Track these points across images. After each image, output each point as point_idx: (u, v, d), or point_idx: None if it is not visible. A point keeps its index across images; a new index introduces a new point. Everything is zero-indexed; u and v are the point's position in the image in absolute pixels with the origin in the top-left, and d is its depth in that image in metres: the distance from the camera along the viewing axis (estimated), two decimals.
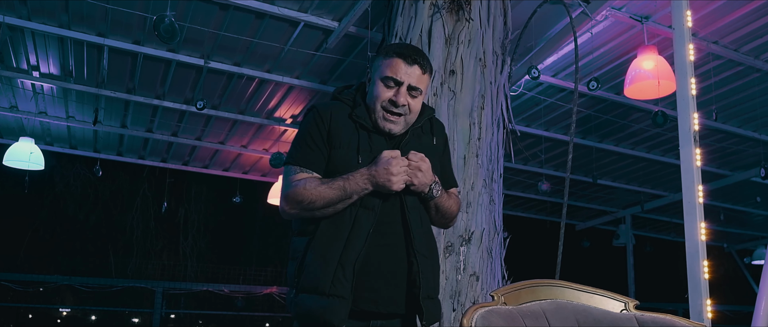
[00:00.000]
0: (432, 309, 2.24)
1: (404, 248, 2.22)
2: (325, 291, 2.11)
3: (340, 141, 2.25)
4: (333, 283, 2.11)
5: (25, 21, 5.38)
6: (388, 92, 2.25)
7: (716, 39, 5.45)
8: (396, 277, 2.20)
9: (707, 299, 3.47)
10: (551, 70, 6.01)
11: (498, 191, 3.91)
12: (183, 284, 11.82)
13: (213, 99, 6.90)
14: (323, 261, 2.15)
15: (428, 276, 2.24)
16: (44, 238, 14.21)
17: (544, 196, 9.91)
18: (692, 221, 3.57)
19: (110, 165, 9.37)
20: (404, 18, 4.07)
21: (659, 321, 2.11)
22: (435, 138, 2.42)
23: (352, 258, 2.13)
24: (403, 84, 2.24)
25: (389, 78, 2.24)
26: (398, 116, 2.26)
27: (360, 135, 2.26)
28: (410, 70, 2.25)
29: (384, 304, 2.19)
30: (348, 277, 2.12)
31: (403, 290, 2.21)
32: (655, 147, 8.14)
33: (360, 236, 2.16)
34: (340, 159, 2.23)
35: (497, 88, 4.04)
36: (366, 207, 2.18)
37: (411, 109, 2.27)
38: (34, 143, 7.19)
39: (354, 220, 2.17)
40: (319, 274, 2.13)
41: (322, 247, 2.17)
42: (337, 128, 2.26)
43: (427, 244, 2.30)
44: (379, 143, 2.27)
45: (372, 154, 2.22)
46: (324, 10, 5.28)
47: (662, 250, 13.79)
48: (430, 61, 2.34)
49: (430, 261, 2.29)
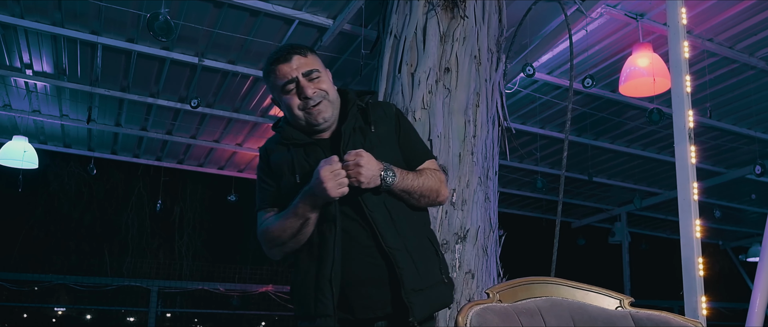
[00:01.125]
0: (421, 301, 2.15)
1: (377, 248, 2.16)
2: (311, 313, 2.15)
3: (281, 170, 2.26)
4: (315, 304, 2.14)
5: (18, 19, 5.36)
6: (294, 97, 2.23)
7: (711, 36, 5.46)
8: (380, 279, 2.16)
9: (702, 296, 3.47)
10: (546, 67, 6.01)
11: (493, 189, 3.91)
12: (178, 283, 11.81)
13: (207, 97, 6.89)
14: (303, 285, 2.19)
15: (411, 268, 2.16)
16: (39, 237, 14.17)
17: (540, 193, 9.92)
18: (687, 219, 3.57)
19: (105, 163, 9.32)
20: (399, 15, 4.06)
21: (654, 318, 2.11)
22: (372, 126, 2.31)
23: (326, 274, 2.12)
24: (297, 78, 2.21)
25: (283, 85, 2.22)
26: (318, 104, 2.22)
27: (294, 154, 2.25)
28: (293, 63, 2.22)
29: (380, 307, 2.17)
30: (327, 295, 2.11)
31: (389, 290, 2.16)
32: (651, 144, 8.15)
33: (328, 250, 2.14)
34: (286, 189, 2.24)
35: (492, 86, 4.03)
36: (327, 220, 2.16)
37: (324, 90, 2.24)
38: (28, 142, 7.16)
39: (320, 237, 2.17)
40: (303, 299, 2.18)
41: (301, 272, 2.22)
42: (275, 160, 2.29)
43: (403, 236, 2.19)
44: (316, 154, 2.22)
45: (310, 168, 2.15)
46: (318, 8, 5.27)
47: (657, 248, 13.82)
48: (302, 46, 2.29)
49: (411, 253, 2.19)
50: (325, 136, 2.30)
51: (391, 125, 2.38)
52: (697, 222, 3.57)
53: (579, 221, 12.00)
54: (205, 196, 14.83)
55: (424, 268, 2.21)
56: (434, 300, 2.22)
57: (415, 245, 2.22)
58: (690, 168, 3.63)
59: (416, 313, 2.12)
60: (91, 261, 14.50)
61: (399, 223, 2.21)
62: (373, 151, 2.18)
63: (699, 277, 3.48)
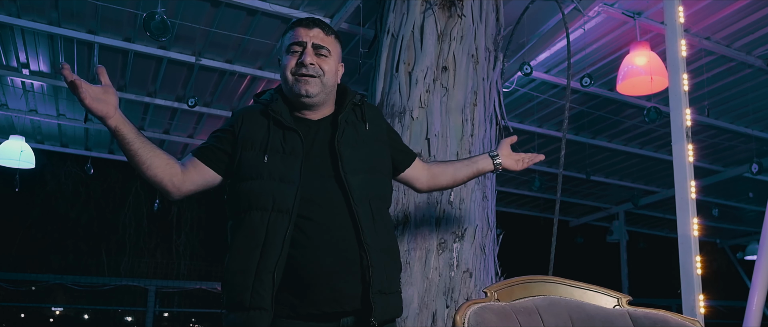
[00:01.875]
0: (383, 304, 2.11)
1: (355, 242, 2.10)
2: (245, 304, 2.03)
3: (252, 143, 2.15)
4: (252, 296, 2.02)
5: (15, 18, 5.35)
6: (294, 58, 2.17)
7: (708, 35, 5.46)
8: (353, 274, 2.09)
9: (700, 295, 3.47)
10: (544, 66, 6.01)
11: (491, 188, 3.90)
12: (176, 282, 11.81)
13: (205, 96, 6.88)
14: (242, 274, 2.06)
15: (381, 270, 2.12)
16: (36, 237, 14.15)
17: (538, 192, 9.92)
18: (685, 217, 3.57)
19: (102, 163, 9.32)
20: (396, 14, 4.06)
21: (652, 316, 2.11)
22: (367, 124, 2.28)
23: (269, 266, 2.02)
24: (306, 44, 2.17)
25: (290, 44, 2.18)
26: (310, 77, 2.16)
27: (272, 132, 2.15)
28: (312, 31, 2.18)
29: (348, 302, 2.09)
30: (266, 288, 2.02)
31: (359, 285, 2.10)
32: (648, 143, 8.16)
33: (275, 242, 2.04)
34: (247, 161, 2.14)
35: (490, 85, 4.03)
36: (279, 210, 2.06)
37: (323, 70, 2.18)
38: (25, 141, 7.15)
39: (267, 227, 2.05)
40: (239, 288, 2.05)
41: (238, 260, 2.08)
42: (249, 130, 2.17)
43: (379, 237, 2.16)
44: (292, 141, 2.14)
45: (285, 153, 2.12)
46: (316, 7, 5.26)
47: (655, 246, 13.84)
48: (330, 26, 2.26)
49: (385, 256, 2.16)
50: (311, 116, 2.24)
51: (383, 126, 2.38)
52: (695, 220, 3.57)
53: (577, 220, 12.01)
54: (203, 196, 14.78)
55: (390, 273, 2.18)
56: (393, 307, 2.19)
57: (387, 250, 2.19)
58: (687, 166, 3.63)
59: (377, 314, 2.08)
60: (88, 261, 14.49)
61: (378, 224, 2.18)
62: (364, 148, 2.21)
63: (697, 275, 3.48)
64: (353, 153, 2.18)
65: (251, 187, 2.10)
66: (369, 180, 2.19)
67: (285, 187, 2.08)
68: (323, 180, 2.13)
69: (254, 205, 2.09)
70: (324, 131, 2.21)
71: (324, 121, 2.24)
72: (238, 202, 2.14)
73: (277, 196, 2.07)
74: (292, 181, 2.08)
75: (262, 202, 2.08)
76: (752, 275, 4.25)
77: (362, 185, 2.15)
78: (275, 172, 2.09)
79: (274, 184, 2.08)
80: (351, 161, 2.15)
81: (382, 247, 2.15)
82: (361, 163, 2.18)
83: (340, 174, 2.12)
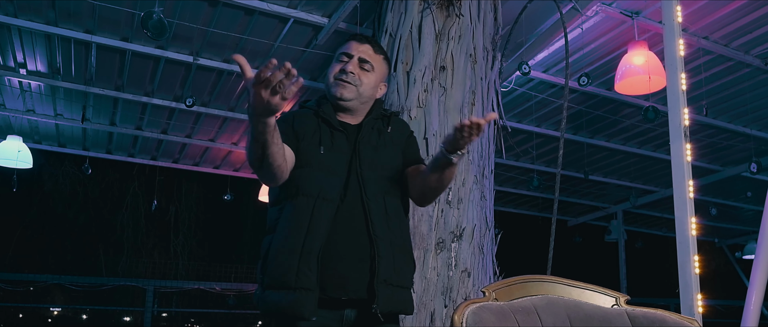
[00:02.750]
0: (387, 294, 2.19)
1: (366, 234, 2.22)
2: (291, 284, 2.12)
3: (304, 134, 2.32)
4: (297, 276, 2.12)
5: (12, 18, 5.33)
6: (338, 65, 2.38)
7: (706, 34, 5.46)
8: (362, 263, 2.20)
9: (698, 294, 3.47)
10: (542, 65, 6.00)
11: (489, 187, 3.90)
12: (174, 282, 11.80)
13: (202, 96, 6.87)
14: (287, 254, 2.16)
15: (389, 261, 2.22)
16: (33, 237, 14.14)
17: (536, 192, 9.92)
18: (683, 216, 3.57)
19: (99, 163, 9.31)
20: (394, 14, 4.05)
21: (650, 316, 2.11)
22: (390, 127, 2.46)
23: (315, 248, 2.14)
24: (353, 56, 2.37)
25: (342, 53, 2.39)
26: (348, 83, 2.34)
27: (322, 130, 2.33)
28: (361, 47, 2.39)
29: (353, 290, 2.18)
30: (312, 268, 2.13)
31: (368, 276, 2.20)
32: (646, 142, 8.16)
33: (321, 226, 2.17)
34: (304, 151, 2.29)
35: (488, 84, 4.03)
36: (325, 198, 2.21)
37: (361, 81, 2.36)
38: (22, 141, 7.14)
39: (312, 211, 2.19)
40: (284, 268, 2.14)
41: (284, 240, 2.19)
42: (301, 124, 2.35)
43: (391, 231, 2.28)
44: (340, 140, 2.33)
45: (333, 149, 2.30)
46: (313, 7, 5.26)
47: (653, 246, 13.85)
48: (382, 48, 2.48)
49: (394, 250, 2.26)
50: (350, 121, 2.41)
51: (404, 135, 2.52)
52: (693, 220, 3.57)
53: (575, 219, 12.01)
54: (201, 196, 14.81)
55: (400, 267, 2.28)
56: (399, 301, 2.26)
57: (399, 245, 2.30)
58: (685, 166, 3.62)
59: (380, 303, 2.15)
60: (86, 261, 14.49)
61: (391, 219, 2.30)
62: (384, 150, 2.39)
63: (695, 274, 3.48)
64: (372, 152, 2.35)
65: (301, 175, 2.25)
66: (385, 178, 2.35)
67: (331, 178, 2.25)
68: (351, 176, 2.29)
69: (302, 191, 2.23)
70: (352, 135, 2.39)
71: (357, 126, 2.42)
72: (288, 187, 2.26)
73: (324, 185, 2.23)
74: (338, 173, 2.27)
75: (310, 189, 2.22)
76: (750, 274, 4.25)
77: (377, 181, 2.30)
78: (324, 164, 2.27)
79: (322, 175, 2.25)
80: (368, 160, 2.32)
81: (393, 241, 2.27)
82: (379, 162, 2.35)
83: (357, 168, 2.29)
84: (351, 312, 2.22)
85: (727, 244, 13.26)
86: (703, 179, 8.91)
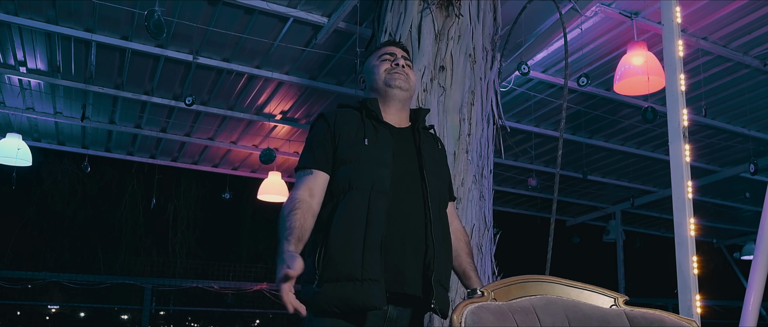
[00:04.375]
0: (443, 295, 2.30)
1: (424, 233, 2.30)
2: (357, 276, 2.16)
3: (348, 134, 2.39)
4: (364, 267, 2.16)
5: (12, 16, 5.34)
6: (386, 63, 2.54)
7: (705, 35, 5.46)
8: (416, 260, 2.27)
9: (696, 294, 3.47)
10: (541, 66, 6.01)
11: (488, 187, 3.91)
12: (172, 281, 11.77)
13: (202, 95, 6.87)
14: (348, 248, 2.19)
15: (442, 263, 2.31)
16: (32, 235, 14.12)
17: (535, 192, 9.92)
18: (681, 217, 3.57)
19: (98, 161, 9.30)
20: (394, 14, 4.05)
21: (648, 316, 2.11)
22: (439, 144, 2.63)
23: (377, 239, 2.19)
24: (397, 55, 2.56)
25: (383, 53, 2.57)
26: (402, 69, 2.53)
27: (366, 126, 2.41)
28: (399, 50, 2.60)
29: (409, 284, 2.25)
30: (376, 260, 2.18)
31: (421, 273, 2.28)
32: (645, 143, 8.16)
33: (379, 219, 2.22)
34: (347, 147, 2.36)
35: (487, 84, 4.03)
36: (378, 191, 2.27)
37: (409, 76, 2.54)
38: (22, 139, 7.14)
39: (369, 206, 2.24)
40: (350, 262, 2.18)
41: (345, 234, 2.22)
42: (343, 126, 2.41)
43: (444, 235, 2.38)
44: (384, 135, 2.40)
45: (378, 142, 2.36)
46: (313, 6, 5.26)
47: (652, 246, 13.86)
48: None
49: (445, 251, 2.37)
50: (394, 123, 2.51)
51: (445, 153, 2.69)
52: (692, 220, 3.57)
53: (573, 219, 12.01)
54: (199, 194, 14.80)
55: (448, 270, 2.42)
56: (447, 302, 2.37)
57: (449, 249, 2.43)
58: (684, 166, 3.63)
59: (437, 300, 2.26)
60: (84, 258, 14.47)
61: (444, 225, 2.42)
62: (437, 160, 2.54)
63: (693, 275, 3.49)
64: (431, 159, 2.47)
65: (350, 171, 2.32)
66: (441, 185, 2.49)
67: (382, 170, 2.31)
68: (408, 174, 2.37)
69: (354, 186, 2.29)
70: (406, 136, 2.50)
71: (404, 130, 2.52)
72: (338, 184, 2.34)
73: (375, 178, 2.29)
74: (387, 164, 2.33)
75: (362, 183, 2.28)
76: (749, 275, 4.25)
77: (436, 187, 2.41)
78: (372, 156, 2.33)
79: (372, 167, 2.31)
80: (430, 164, 2.43)
81: (442, 242, 2.35)
82: (436, 170, 2.49)
83: (423, 173, 2.37)
84: (394, 310, 2.28)
85: (725, 244, 13.26)
86: (701, 180, 8.92)
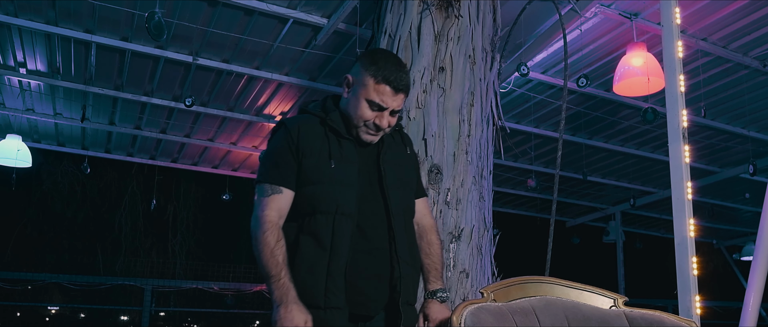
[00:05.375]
0: (410, 314, 2.27)
1: (388, 253, 2.24)
2: (319, 304, 2.13)
3: (311, 150, 2.25)
4: (327, 296, 2.13)
5: (12, 17, 5.33)
6: (372, 113, 2.25)
7: (705, 36, 5.47)
8: (382, 281, 2.23)
9: (696, 295, 3.47)
10: (541, 67, 6.01)
11: (488, 188, 3.91)
12: (172, 282, 11.78)
13: (202, 96, 6.87)
14: (311, 275, 2.15)
15: (408, 283, 2.26)
16: (32, 236, 14.12)
17: (534, 192, 9.92)
18: (681, 218, 3.58)
19: (98, 162, 9.30)
20: (393, 15, 4.06)
21: (648, 317, 2.12)
22: (408, 148, 2.49)
23: (341, 266, 2.15)
24: (387, 109, 2.25)
25: (372, 100, 2.23)
26: (375, 136, 2.30)
27: (330, 141, 2.27)
28: (396, 97, 2.25)
29: (374, 307, 2.22)
30: (340, 287, 2.13)
31: (387, 294, 2.23)
32: (645, 144, 8.16)
33: (343, 243, 2.17)
34: (311, 167, 2.24)
35: (487, 85, 4.03)
36: (343, 213, 2.19)
37: (389, 124, 2.30)
38: (22, 140, 7.14)
39: (333, 229, 2.18)
40: (312, 289, 2.14)
41: (308, 260, 2.18)
42: (306, 139, 2.27)
43: (410, 252, 2.32)
44: (349, 149, 2.29)
45: (343, 160, 2.25)
46: (313, 7, 5.26)
47: (652, 247, 13.85)
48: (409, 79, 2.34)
49: (412, 269, 2.31)
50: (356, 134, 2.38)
51: (413, 154, 2.56)
52: (691, 221, 3.57)
53: (573, 220, 12.01)
54: (199, 195, 14.80)
55: (415, 287, 2.35)
56: (414, 317, 2.34)
57: (414, 265, 2.35)
58: (684, 167, 3.63)
59: (405, 323, 2.22)
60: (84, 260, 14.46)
61: (410, 238, 2.36)
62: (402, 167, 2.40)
63: (693, 276, 3.49)
64: (393, 170, 2.35)
65: (314, 192, 2.22)
66: (404, 196, 2.36)
67: (346, 191, 2.22)
68: (369, 190, 2.28)
69: (318, 209, 2.21)
70: (371, 147, 2.35)
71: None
72: (302, 205, 2.25)
73: (340, 200, 2.20)
74: (351, 185, 2.24)
75: (327, 206, 2.20)
76: (748, 276, 4.25)
77: (399, 200, 2.31)
78: (336, 177, 2.22)
79: (336, 188, 2.21)
80: (391, 177, 2.31)
81: (408, 260, 2.29)
82: (399, 180, 2.36)
83: (383, 188, 2.28)
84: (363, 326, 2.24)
85: (725, 245, 13.27)
86: (701, 181, 8.92)
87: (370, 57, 2.29)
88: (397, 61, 2.29)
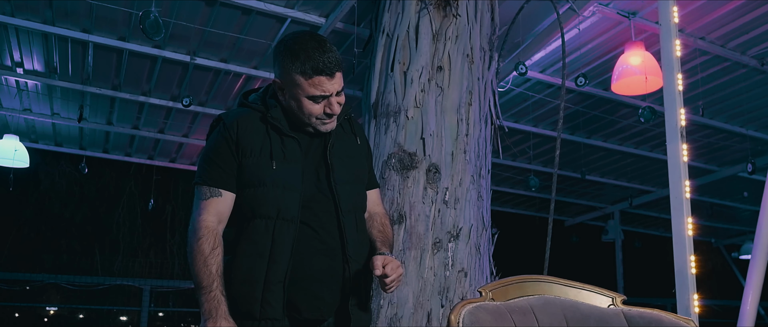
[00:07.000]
0: (359, 316, 2.17)
1: (340, 252, 2.13)
2: (255, 315, 2.02)
3: (252, 149, 2.10)
4: (263, 307, 2.02)
5: (9, 17, 5.32)
6: (319, 106, 2.09)
7: (703, 35, 5.47)
8: (335, 283, 2.12)
9: (694, 294, 3.48)
10: (539, 66, 6.01)
11: (486, 187, 3.91)
12: (171, 282, 11.76)
13: (200, 95, 6.86)
14: (250, 284, 2.03)
15: (359, 283, 2.16)
16: (29, 236, 14.11)
17: (533, 192, 9.92)
18: (679, 217, 3.58)
19: (96, 162, 9.29)
20: (391, 14, 4.06)
21: (646, 316, 2.11)
22: (358, 138, 2.31)
23: (279, 276, 2.03)
24: (331, 94, 2.08)
25: (316, 96, 2.06)
26: (332, 121, 2.14)
27: (272, 139, 2.11)
28: (334, 81, 2.07)
29: (328, 310, 2.13)
30: (277, 298, 2.02)
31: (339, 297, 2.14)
32: (643, 143, 8.17)
33: (284, 251, 2.04)
34: (251, 167, 2.09)
35: (485, 84, 4.03)
36: (284, 219, 2.06)
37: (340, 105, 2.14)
38: (19, 141, 7.13)
39: (273, 236, 2.04)
40: (248, 299, 2.03)
41: (246, 269, 2.05)
42: (246, 137, 2.11)
43: (361, 251, 2.20)
44: (292, 148, 2.13)
45: (285, 159, 2.10)
46: (311, 6, 5.26)
47: (651, 246, 13.87)
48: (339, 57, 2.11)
49: (364, 269, 2.18)
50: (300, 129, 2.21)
51: (365, 142, 2.39)
52: (690, 220, 3.57)
53: (572, 219, 12.02)
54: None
55: (367, 287, 2.24)
56: (367, 319, 2.25)
57: (365, 263, 2.19)
58: (682, 166, 3.63)
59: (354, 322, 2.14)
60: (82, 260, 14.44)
61: (361, 235, 2.23)
62: (352, 160, 2.24)
63: (691, 274, 3.49)
64: (342, 164, 2.19)
65: (254, 195, 2.08)
66: (354, 191, 2.22)
67: (288, 195, 2.07)
68: (316, 188, 2.14)
69: (258, 213, 2.07)
70: (317, 140, 2.20)
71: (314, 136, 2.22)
72: (240, 209, 2.11)
73: (281, 205, 2.06)
74: (294, 188, 2.08)
75: (267, 210, 2.06)
76: (747, 274, 4.26)
77: (349, 196, 2.18)
78: (278, 179, 2.07)
79: (278, 192, 2.07)
80: (340, 172, 2.17)
81: (362, 260, 2.18)
82: (349, 175, 2.21)
83: (331, 184, 2.14)
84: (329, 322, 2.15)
85: (723, 244, 13.28)
86: (699, 179, 8.92)
87: (287, 52, 2.07)
88: (315, 43, 2.05)
